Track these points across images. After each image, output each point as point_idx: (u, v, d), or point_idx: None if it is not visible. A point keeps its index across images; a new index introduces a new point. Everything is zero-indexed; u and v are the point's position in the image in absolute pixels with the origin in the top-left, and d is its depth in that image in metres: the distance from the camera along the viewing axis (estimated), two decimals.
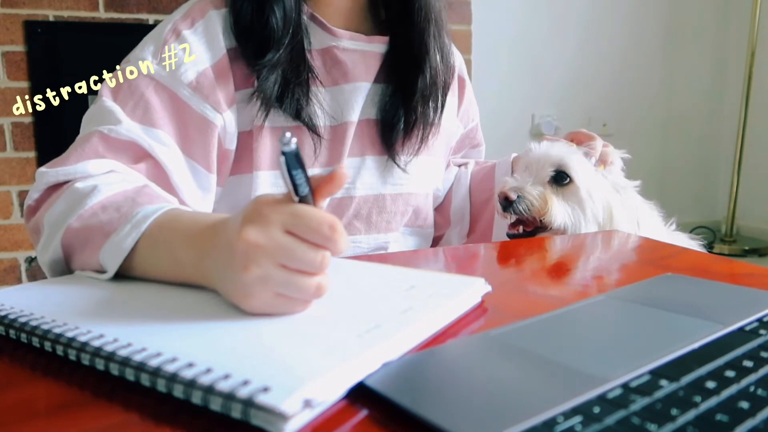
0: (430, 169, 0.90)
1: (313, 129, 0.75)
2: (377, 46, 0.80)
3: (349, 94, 0.78)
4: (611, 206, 0.84)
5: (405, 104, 0.81)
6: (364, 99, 0.80)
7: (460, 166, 1.01)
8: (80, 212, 0.56)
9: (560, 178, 0.83)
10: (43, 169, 0.63)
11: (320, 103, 0.76)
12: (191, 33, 0.70)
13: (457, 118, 0.97)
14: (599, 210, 0.84)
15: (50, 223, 0.58)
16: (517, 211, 0.82)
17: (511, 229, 0.85)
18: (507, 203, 0.82)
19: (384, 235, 0.86)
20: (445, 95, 0.85)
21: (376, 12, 0.83)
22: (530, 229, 0.84)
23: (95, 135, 0.64)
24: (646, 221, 0.86)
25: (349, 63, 0.78)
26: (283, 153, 0.41)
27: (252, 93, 0.72)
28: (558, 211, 0.82)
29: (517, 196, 0.82)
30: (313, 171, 0.77)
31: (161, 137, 0.67)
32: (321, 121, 0.76)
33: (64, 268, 0.58)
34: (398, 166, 0.83)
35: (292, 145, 0.40)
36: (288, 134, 0.41)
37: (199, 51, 0.70)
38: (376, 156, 0.83)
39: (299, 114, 0.74)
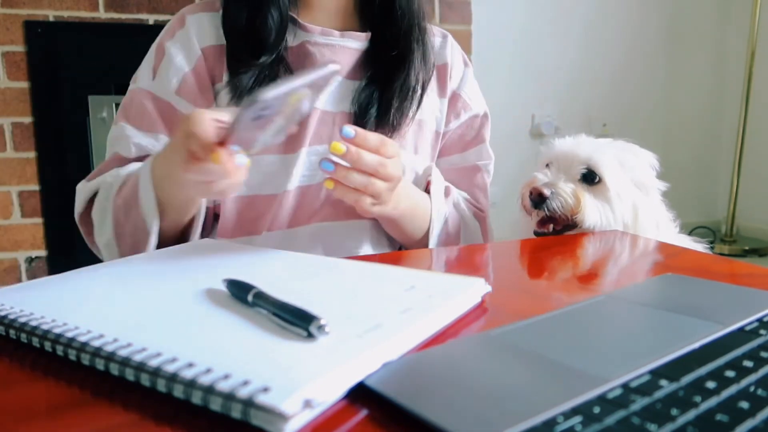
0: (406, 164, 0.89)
1: None
2: (351, 41, 0.82)
3: None
4: (637, 208, 0.82)
5: (381, 99, 0.82)
6: (333, 89, 0.82)
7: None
8: (117, 192, 0.73)
9: (590, 177, 0.81)
10: (80, 185, 0.80)
11: None
12: (172, 44, 0.80)
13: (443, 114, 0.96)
14: (627, 211, 0.81)
15: (98, 210, 0.76)
16: (550, 209, 0.78)
17: (540, 227, 0.81)
18: (540, 200, 0.79)
19: (357, 222, 0.86)
20: (424, 94, 0.86)
21: (362, 12, 0.85)
22: (559, 227, 0.81)
23: (114, 157, 0.81)
24: (665, 224, 0.84)
25: (318, 55, 0.81)
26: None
27: (224, 86, 0.79)
28: (591, 210, 0.79)
29: (551, 192, 0.79)
30: (272, 157, 0.80)
31: (164, 140, 0.79)
32: None
33: (114, 246, 0.74)
34: None
35: None
36: None
37: (178, 58, 0.80)
38: None
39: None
